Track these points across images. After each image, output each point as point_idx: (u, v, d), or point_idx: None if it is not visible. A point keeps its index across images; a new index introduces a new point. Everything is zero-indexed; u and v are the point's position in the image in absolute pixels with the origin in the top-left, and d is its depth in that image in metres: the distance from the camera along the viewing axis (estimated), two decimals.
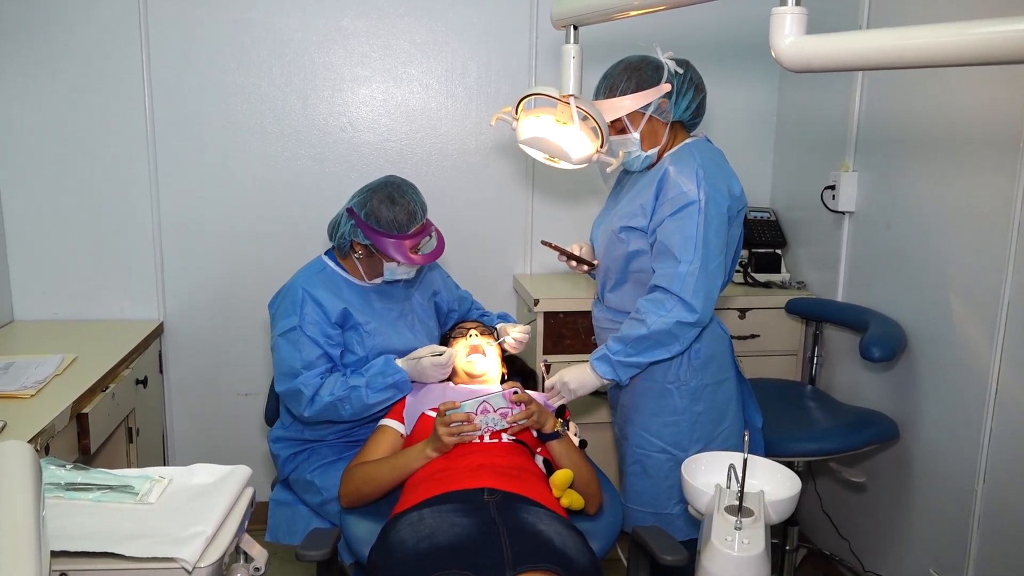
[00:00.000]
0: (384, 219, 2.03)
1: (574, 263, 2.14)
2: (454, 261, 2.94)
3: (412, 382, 2.06)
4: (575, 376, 1.97)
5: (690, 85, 1.94)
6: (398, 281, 2.16)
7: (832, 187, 2.66)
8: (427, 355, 2.05)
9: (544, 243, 2.13)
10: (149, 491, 1.35)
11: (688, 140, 1.98)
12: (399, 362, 2.06)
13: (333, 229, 2.13)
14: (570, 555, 1.53)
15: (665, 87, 1.89)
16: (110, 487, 1.35)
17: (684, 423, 1.99)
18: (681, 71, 1.92)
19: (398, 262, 2.05)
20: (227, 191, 2.83)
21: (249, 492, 1.44)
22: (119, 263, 2.81)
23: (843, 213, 2.66)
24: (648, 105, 1.89)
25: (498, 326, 2.30)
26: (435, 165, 2.96)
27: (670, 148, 1.98)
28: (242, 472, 1.46)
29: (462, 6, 2.87)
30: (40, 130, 2.69)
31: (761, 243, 2.98)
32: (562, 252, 2.12)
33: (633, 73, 1.91)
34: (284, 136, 2.84)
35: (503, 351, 2.21)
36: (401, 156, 2.92)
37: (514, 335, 2.24)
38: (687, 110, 1.95)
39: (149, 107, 2.73)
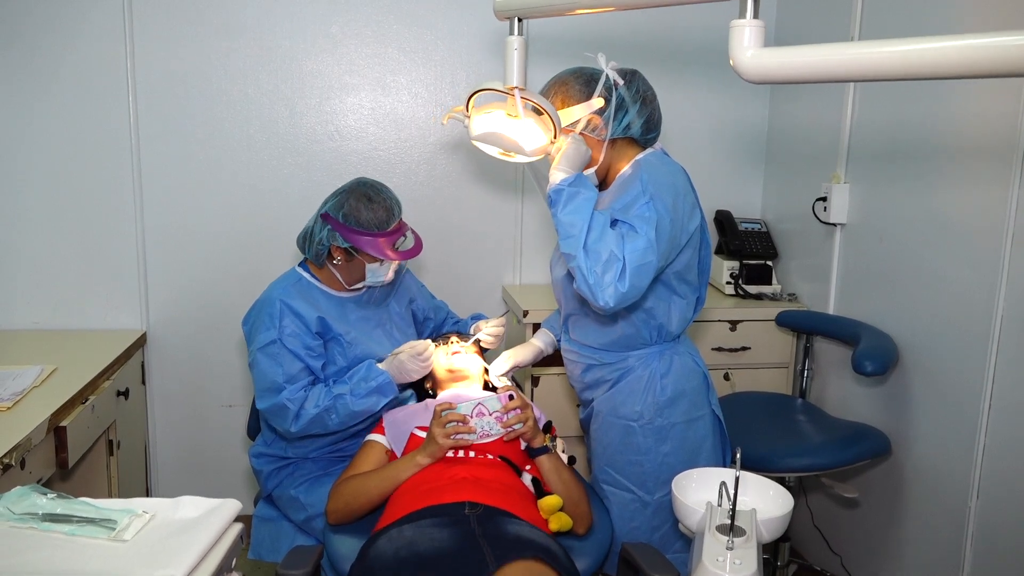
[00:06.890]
0: (364, 218, 2.01)
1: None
2: (442, 271, 2.90)
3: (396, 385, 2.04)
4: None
5: (635, 99, 1.76)
6: (377, 287, 2.13)
7: (824, 199, 2.64)
8: (406, 350, 2.03)
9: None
10: (127, 527, 1.29)
11: (639, 156, 1.81)
12: (380, 364, 2.04)
13: (306, 239, 2.09)
14: (553, 551, 1.53)
15: (595, 103, 1.72)
16: (90, 520, 1.29)
17: (648, 463, 1.88)
18: (622, 82, 1.74)
19: (381, 260, 2.03)
20: (212, 199, 2.79)
21: (236, 529, 1.37)
22: (102, 272, 2.76)
23: (834, 225, 2.64)
24: (575, 123, 1.73)
25: (471, 327, 2.27)
26: (423, 174, 2.92)
27: (618, 167, 1.82)
28: (230, 507, 1.38)
29: (451, 14, 2.84)
30: (22, 137, 2.64)
31: (752, 255, 2.96)
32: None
33: (560, 88, 1.78)
34: (271, 144, 2.81)
35: (481, 348, 2.20)
36: (389, 165, 2.89)
37: (487, 331, 2.20)
38: (634, 126, 1.78)
39: (134, 114, 2.69)
